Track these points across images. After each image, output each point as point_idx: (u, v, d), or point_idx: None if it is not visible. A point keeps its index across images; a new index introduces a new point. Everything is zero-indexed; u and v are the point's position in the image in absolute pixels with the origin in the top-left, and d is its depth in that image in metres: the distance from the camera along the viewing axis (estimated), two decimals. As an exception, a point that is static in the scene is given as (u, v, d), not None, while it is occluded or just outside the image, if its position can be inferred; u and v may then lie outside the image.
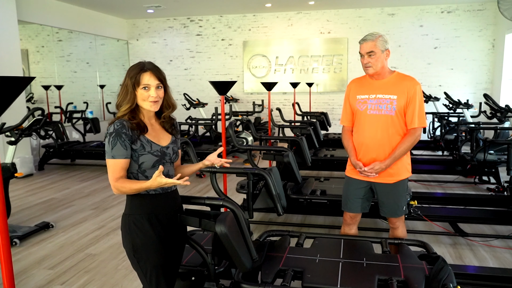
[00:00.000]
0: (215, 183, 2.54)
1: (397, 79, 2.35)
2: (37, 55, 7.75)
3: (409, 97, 2.27)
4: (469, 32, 7.95)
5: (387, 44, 2.31)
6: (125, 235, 1.62)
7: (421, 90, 2.32)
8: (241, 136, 6.49)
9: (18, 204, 4.54)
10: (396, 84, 2.31)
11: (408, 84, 2.29)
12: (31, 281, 2.76)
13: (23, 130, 3.46)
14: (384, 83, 2.33)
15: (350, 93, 2.44)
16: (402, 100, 2.27)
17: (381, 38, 2.30)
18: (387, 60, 2.33)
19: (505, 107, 4.59)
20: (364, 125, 2.35)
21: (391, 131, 2.29)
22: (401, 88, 2.29)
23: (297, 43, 8.64)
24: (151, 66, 1.61)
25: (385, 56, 2.30)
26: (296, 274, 2.00)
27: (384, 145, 2.31)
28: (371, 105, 2.32)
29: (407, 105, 2.28)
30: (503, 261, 2.96)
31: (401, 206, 2.40)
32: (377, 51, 2.27)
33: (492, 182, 4.95)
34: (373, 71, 2.31)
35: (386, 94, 2.29)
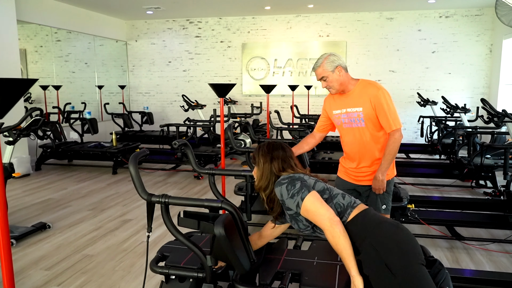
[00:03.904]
0: (213, 185, 2.55)
1: (360, 88, 2.39)
2: (35, 55, 7.73)
3: (374, 104, 2.31)
4: (467, 37, 8.00)
5: (338, 60, 2.35)
6: None
7: (384, 94, 2.33)
8: (239, 138, 6.50)
9: (14, 204, 4.52)
10: (360, 94, 2.36)
11: (370, 92, 2.34)
12: (27, 282, 2.75)
13: (21, 130, 3.45)
14: (350, 96, 2.40)
15: (327, 108, 2.56)
16: (368, 110, 2.32)
17: (327, 59, 2.35)
18: (344, 74, 2.38)
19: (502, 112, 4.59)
20: (344, 137, 2.49)
21: (366, 140, 2.38)
22: (365, 98, 2.34)
23: (296, 46, 8.66)
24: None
25: (338, 73, 2.35)
26: (294, 277, 2.01)
27: (363, 154, 2.41)
28: (344, 119, 2.42)
29: (375, 112, 2.32)
30: (499, 265, 2.97)
31: (387, 206, 2.47)
32: (327, 74, 2.34)
33: (489, 186, 4.97)
34: (334, 91, 2.42)
35: (353, 108, 2.37)
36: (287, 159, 1.85)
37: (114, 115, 8.17)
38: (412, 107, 8.21)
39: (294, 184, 1.67)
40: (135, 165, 1.77)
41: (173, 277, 2.00)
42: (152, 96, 9.61)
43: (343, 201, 1.68)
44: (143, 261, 3.05)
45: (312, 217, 1.61)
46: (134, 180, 1.77)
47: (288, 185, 1.67)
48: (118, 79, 9.45)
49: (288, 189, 1.66)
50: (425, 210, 3.61)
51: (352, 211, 1.65)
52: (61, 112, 7.29)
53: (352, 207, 1.66)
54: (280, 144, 1.90)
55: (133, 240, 3.49)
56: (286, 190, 1.66)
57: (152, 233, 3.48)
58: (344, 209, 1.65)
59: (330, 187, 1.76)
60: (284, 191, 1.67)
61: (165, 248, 2.21)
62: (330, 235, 1.56)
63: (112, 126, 8.52)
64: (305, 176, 1.75)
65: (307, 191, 1.63)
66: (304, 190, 1.63)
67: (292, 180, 1.69)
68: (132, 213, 4.21)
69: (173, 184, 5.43)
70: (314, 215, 1.59)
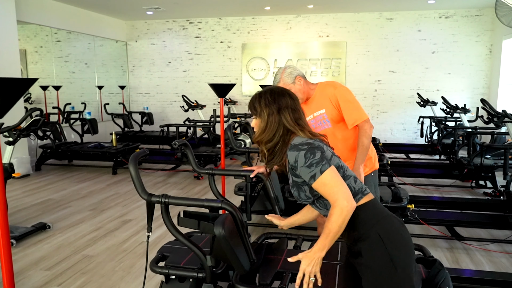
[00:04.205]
0: (213, 185, 2.55)
1: (320, 91, 2.45)
2: (35, 55, 7.73)
3: (335, 103, 2.36)
4: (467, 37, 8.00)
5: (295, 71, 2.40)
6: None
7: (342, 91, 2.37)
8: (239, 139, 6.50)
9: (15, 204, 4.52)
10: (320, 97, 2.43)
11: (328, 92, 2.40)
12: (27, 282, 2.75)
13: (21, 130, 3.45)
14: (313, 101, 2.46)
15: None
16: (330, 110, 2.38)
17: (285, 73, 2.40)
18: (304, 83, 2.42)
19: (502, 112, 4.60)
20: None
21: (337, 140, 2.40)
22: (325, 99, 2.39)
23: (296, 46, 8.66)
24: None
25: (299, 83, 2.40)
26: (294, 277, 2.00)
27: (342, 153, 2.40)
28: (314, 125, 2.46)
29: (338, 110, 2.37)
30: (499, 265, 2.97)
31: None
32: (288, 87, 2.38)
33: (489, 187, 4.97)
34: (300, 101, 2.43)
35: (317, 111, 2.44)
36: (297, 109, 1.64)
37: (114, 115, 8.18)
38: (412, 108, 8.21)
39: (314, 153, 1.48)
40: (135, 165, 1.77)
41: (173, 277, 2.00)
42: (152, 96, 9.61)
43: (355, 185, 1.56)
44: (143, 261, 3.05)
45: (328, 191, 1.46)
46: (134, 180, 1.77)
47: (307, 152, 1.48)
48: (118, 79, 9.45)
49: (306, 157, 1.47)
50: (425, 210, 3.61)
51: (363, 198, 1.55)
52: (61, 112, 7.30)
53: (363, 194, 1.56)
54: (285, 90, 1.67)
55: (133, 240, 3.49)
56: (304, 158, 1.47)
57: (152, 233, 3.49)
58: (355, 193, 1.54)
59: (344, 165, 1.60)
60: (301, 158, 1.48)
61: (165, 248, 2.21)
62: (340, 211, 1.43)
63: (112, 126, 8.53)
64: (324, 145, 1.57)
65: (327, 164, 1.47)
66: (324, 163, 1.46)
67: (312, 148, 1.49)
68: (132, 213, 4.21)
69: (173, 185, 5.43)
70: (331, 189, 1.45)
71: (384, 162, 4.68)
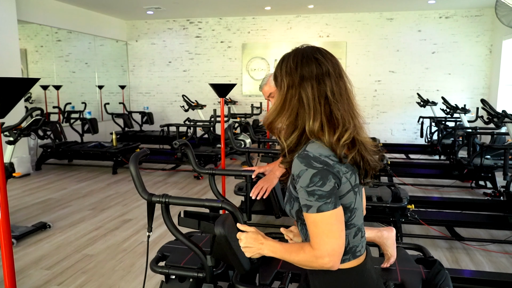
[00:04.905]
0: (213, 185, 2.55)
1: None
2: (36, 54, 7.73)
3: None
4: (467, 37, 8.00)
5: None
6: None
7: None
8: (239, 138, 6.50)
9: (15, 204, 4.52)
10: None
11: None
12: (28, 282, 2.75)
13: (21, 130, 3.45)
14: None
15: None
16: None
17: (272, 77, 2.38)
18: None
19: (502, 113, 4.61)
20: None
21: None
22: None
23: (296, 46, 8.64)
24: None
25: None
26: (294, 277, 2.01)
27: None
28: None
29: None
30: (499, 265, 2.98)
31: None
32: (274, 89, 2.35)
33: (489, 187, 4.97)
34: None
35: None
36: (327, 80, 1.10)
37: (114, 115, 8.18)
38: (412, 108, 8.21)
39: (325, 182, 1.04)
40: (136, 165, 1.78)
41: (173, 277, 2.01)
42: (152, 96, 9.61)
43: (352, 240, 1.15)
44: (143, 261, 3.06)
45: (315, 233, 1.07)
46: (135, 180, 1.78)
47: (316, 175, 1.04)
48: (118, 79, 9.45)
49: (312, 181, 1.04)
50: (425, 211, 3.61)
51: (351, 261, 1.16)
52: (61, 112, 7.30)
53: (354, 255, 1.16)
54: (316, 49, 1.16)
55: (133, 240, 3.49)
56: (309, 181, 1.04)
57: (152, 233, 3.48)
58: (346, 251, 1.14)
59: (358, 209, 1.15)
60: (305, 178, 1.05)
61: (165, 248, 2.21)
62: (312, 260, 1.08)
63: (112, 126, 8.53)
64: (349, 172, 1.10)
65: (332, 204, 1.05)
66: (330, 201, 1.05)
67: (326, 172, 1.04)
68: (132, 213, 4.21)
69: (173, 184, 5.43)
70: (320, 235, 1.06)
71: (384, 162, 4.69)
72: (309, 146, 1.09)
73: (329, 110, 1.09)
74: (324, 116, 1.08)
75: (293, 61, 1.14)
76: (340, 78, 1.13)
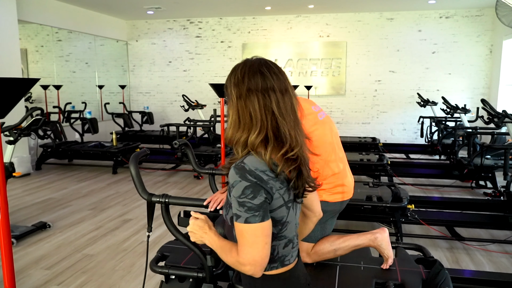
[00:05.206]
0: (213, 185, 2.55)
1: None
2: (36, 54, 7.73)
3: None
4: (467, 37, 8.00)
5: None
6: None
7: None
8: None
9: (15, 203, 4.53)
10: None
11: None
12: (28, 281, 2.75)
13: (22, 129, 3.45)
14: None
15: None
16: None
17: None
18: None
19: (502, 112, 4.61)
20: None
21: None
22: None
23: (296, 46, 8.66)
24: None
25: None
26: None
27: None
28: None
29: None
30: (499, 265, 2.97)
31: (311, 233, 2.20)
32: None
33: (489, 187, 4.97)
34: None
35: None
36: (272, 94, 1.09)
37: (115, 114, 8.18)
38: (412, 108, 8.21)
39: (256, 196, 1.06)
40: (136, 164, 1.78)
41: (173, 277, 2.01)
42: (152, 96, 9.61)
43: (282, 250, 1.17)
44: (143, 260, 3.06)
45: (241, 241, 1.09)
46: (135, 179, 1.78)
47: (248, 188, 1.06)
48: (119, 79, 9.45)
49: (244, 193, 1.06)
50: (425, 211, 3.61)
51: (278, 268, 1.18)
52: (61, 111, 7.30)
53: (282, 264, 1.18)
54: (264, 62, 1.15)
55: (133, 239, 3.49)
56: (242, 192, 1.06)
57: (152, 233, 3.49)
58: (273, 259, 1.16)
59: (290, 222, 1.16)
60: (238, 189, 1.07)
61: (165, 248, 2.21)
62: (236, 264, 1.12)
63: (113, 125, 8.53)
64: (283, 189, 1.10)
65: (259, 218, 1.06)
66: (258, 214, 1.06)
67: (258, 187, 1.06)
68: (132, 212, 4.21)
69: (173, 184, 5.43)
70: (245, 244, 1.08)
71: (384, 162, 4.69)
72: (247, 158, 1.10)
73: (276, 125, 1.09)
74: (271, 131, 1.08)
75: (241, 72, 1.13)
76: (286, 94, 1.12)
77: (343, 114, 8.63)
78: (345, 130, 8.60)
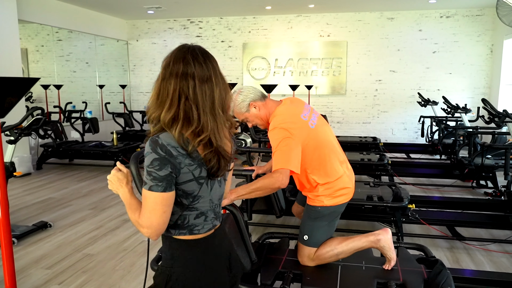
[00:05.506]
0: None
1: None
2: (37, 54, 7.74)
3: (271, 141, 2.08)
4: (468, 37, 7.99)
5: (247, 97, 2.17)
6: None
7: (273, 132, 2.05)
8: (240, 138, 6.50)
9: (16, 203, 4.53)
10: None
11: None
12: (28, 281, 2.76)
13: (22, 129, 3.45)
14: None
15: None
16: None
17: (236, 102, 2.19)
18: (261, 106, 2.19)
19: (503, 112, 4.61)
20: None
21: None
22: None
23: (297, 45, 8.66)
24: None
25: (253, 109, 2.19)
26: (296, 277, 2.01)
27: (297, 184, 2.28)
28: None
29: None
30: (499, 265, 2.97)
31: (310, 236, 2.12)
32: (244, 115, 2.22)
33: (490, 187, 4.97)
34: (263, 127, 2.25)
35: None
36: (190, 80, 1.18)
37: (115, 114, 8.18)
38: (413, 107, 8.20)
39: (162, 168, 1.14)
40: (136, 164, 1.77)
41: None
42: (152, 95, 9.60)
43: (193, 221, 1.26)
44: (144, 260, 3.06)
45: (143, 206, 1.19)
46: (135, 179, 1.77)
47: (157, 160, 1.14)
48: (119, 78, 9.45)
49: (152, 164, 1.15)
50: (426, 210, 3.61)
51: (186, 235, 1.27)
52: (62, 111, 7.30)
53: (191, 232, 1.26)
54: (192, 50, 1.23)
55: (133, 239, 3.49)
56: (150, 163, 1.15)
57: (152, 233, 3.48)
58: (181, 225, 1.25)
59: (201, 196, 1.25)
60: (148, 160, 1.16)
61: (166, 248, 2.21)
62: (138, 226, 1.21)
63: (113, 125, 8.52)
64: (191, 161, 1.18)
65: (162, 188, 1.15)
66: (162, 184, 1.15)
67: (165, 161, 1.14)
68: (133, 212, 4.21)
69: (173, 184, 5.43)
70: (146, 209, 1.18)
71: (385, 162, 4.69)
72: (164, 134, 1.18)
73: (187, 107, 1.17)
74: (182, 111, 1.17)
75: (170, 57, 1.21)
76: (206, 83, 1.20)
77: (343, 114, 8.63)
78: (345, 130, 8.60)
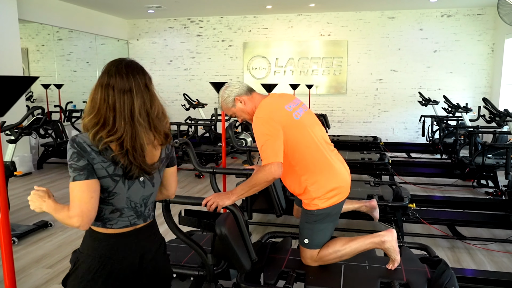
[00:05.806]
0: (214, 184, 2.55)
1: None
2: (37, 54, 7.74)
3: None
4: (469, 36, 7.98)
5: (232, 92, 2.16)
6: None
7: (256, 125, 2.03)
8: (240, 137, 6.49)
9: (16, 202, 4.53)
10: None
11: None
12: (29, 280, 2.75)
13: (23, 128, 3.45)
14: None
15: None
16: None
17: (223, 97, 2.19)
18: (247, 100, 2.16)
19: (504, 112, 4.60)
20: None
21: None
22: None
23: (297, 45, 8.65)
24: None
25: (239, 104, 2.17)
26: (299, 276, 2.01)
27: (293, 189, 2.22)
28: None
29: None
30: (500, 265, 2.97)
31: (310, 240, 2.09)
32: (231, 111, 2.20)
33: (490, 186, 4.96)
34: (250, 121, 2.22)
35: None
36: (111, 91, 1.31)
37: (116, 114, 8.18)
38: (414, 107, 8.19)
39: (78, 160, 1.24)
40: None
41: (174, 276, 2.00)
42: (153, 95, 9.60)
43: (109, 215, 1.33)
44: (144, 259, 3.05)
45: (71, 197, 1.26)
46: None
47: (74, 154, 1.24)
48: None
49: (71, 158, 1.24)
50: (427, 210, 3.60)
51: (99, 227, 1.34)
52: (62, 111, 7.30)
53: (105, 225, 1.33)
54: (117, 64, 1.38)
55: (134, 238, 3.49)
56: (70, 157, 1.24)
57: (153, 232, 3.48)
58: (103, 218, 1.33)
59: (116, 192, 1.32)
60: (68, 155, 1.25)
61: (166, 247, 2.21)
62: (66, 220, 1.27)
63: (114, 125, 8.53)
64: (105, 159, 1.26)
65: (84, 176, 1.23)
66: (83, 173, 1.23)
67: (80, 154, 1.24)
68: (133, 212, 4.20)
69: (174, 183, 5.43)
70: (73, 199, 1.25)
71: (386, 161, 4.68)
72: (82, 134, 1.28)
73: (108, 114, 1.28)
74: (103, 117, 1.27)
75: (104, 69, 1.35)
76: (126, 94, 1.30)
77: (344, 113, 8.62)
78: (346, 129, 8.59)
